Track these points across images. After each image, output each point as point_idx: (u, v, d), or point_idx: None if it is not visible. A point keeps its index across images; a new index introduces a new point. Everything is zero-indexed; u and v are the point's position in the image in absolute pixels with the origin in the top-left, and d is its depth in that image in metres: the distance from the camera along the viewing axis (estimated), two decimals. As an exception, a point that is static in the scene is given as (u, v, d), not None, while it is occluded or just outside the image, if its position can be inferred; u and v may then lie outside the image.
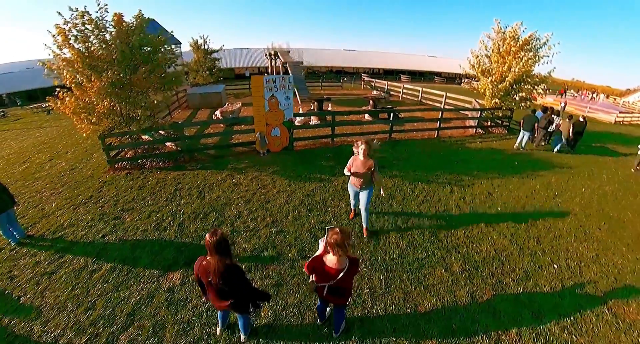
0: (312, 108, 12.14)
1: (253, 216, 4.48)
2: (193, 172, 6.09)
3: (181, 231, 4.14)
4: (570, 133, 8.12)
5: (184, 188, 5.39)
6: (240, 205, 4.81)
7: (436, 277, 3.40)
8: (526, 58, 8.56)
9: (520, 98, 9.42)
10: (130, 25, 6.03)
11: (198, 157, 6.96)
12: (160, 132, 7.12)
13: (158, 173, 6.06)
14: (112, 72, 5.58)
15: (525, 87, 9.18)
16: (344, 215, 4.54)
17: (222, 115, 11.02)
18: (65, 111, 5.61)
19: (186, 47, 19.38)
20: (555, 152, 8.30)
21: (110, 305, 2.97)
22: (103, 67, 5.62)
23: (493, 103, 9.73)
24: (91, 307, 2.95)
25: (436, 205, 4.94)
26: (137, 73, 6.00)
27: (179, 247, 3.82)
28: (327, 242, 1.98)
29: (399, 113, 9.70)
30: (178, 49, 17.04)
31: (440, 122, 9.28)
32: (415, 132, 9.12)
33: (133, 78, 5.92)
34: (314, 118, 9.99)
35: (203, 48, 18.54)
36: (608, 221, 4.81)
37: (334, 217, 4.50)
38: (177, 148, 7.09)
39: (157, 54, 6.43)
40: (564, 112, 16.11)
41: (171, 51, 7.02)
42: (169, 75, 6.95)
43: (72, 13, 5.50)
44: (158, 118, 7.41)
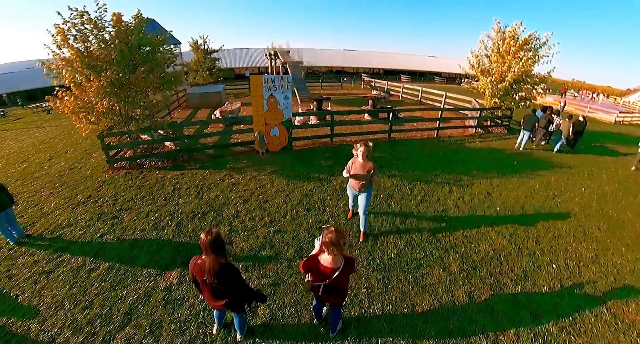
0: (312, 108, 12.13)
1: (251, 216, 4.47)
2: (192, 171, 6.09)
3: (179, 231, 4.14)
4: (570, 133, 8.11)
5: (183, 187, 5.39)
6: (238, 204, 4.80)
7: (434, 277, 3.39)
8: (526, 58, 8.55)
9: (519, 98, 9.41)
10: (129, 25, 6.03)
11: (197, 156, 6.96)
12: (159, 131, 7.12)
13: (157, 172, 6.07)
14: (111, 71, 5.58)
15: (524, 86, 9.17)
16: (342, 214, 4.54)
17: (222, 114, 11.02)
18: (64, 111, 5.62)
19: (186, 47, 19.41)
20: (555, 151, 8.28)
21: (107, 304, 2.97)
22: (102, 66, 5.63)
23: (493, 103, 9.72)
24: (88, 306, 2.96)
25: (435, 205, 4.93)
26: (136, 72, 6.00)
27: (177, 246, 3.82)
28: (322, 241, 1.97)
29: (399, 113, 9.69)
30: (177, 49, 17.05)
31: (439, 121, 9.27)
32: (414, 131, 9.11)
33: (132, 78, 5.92)
34: (313, 118, 9.99)
35: (203, 48, 18.56)
36: (607, 221, 4.79)
37: (332, 217, 4.50)
38: (176, 147, 7.10)
39: (156, 54, 6.43)
40: (564, 111, 16.09)
41: (170, 51, 7.03)
42: (168, 74, 6.95)
43: (72, 13, 5.52)
44: (157, 118, 7.41)
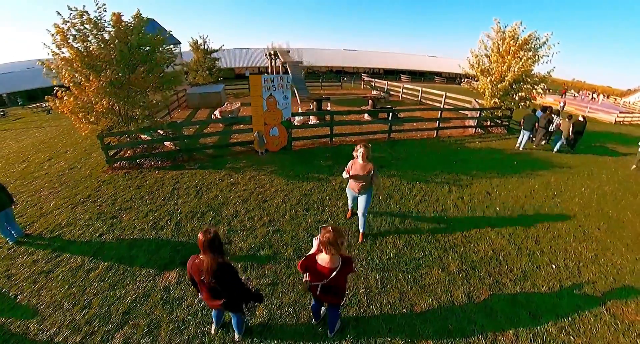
0: (311, 108, 12.12)
1: (250, 216, 4.47)
2: (191, 171, 6.09)
3: (178, 231, 4.14)
4: (570, 133, 8.11)
5: (182, 187, 5.39)
6: (237, 204, 4.80)
7: (433, 277, 3.38)
8: (525, 57, 8.54)
9: (519, 98, 9.40)
10: (129, 24, 6.04)
11: (196, 156, 6.96)
12: (159, 131, 7.12)
13: (156, 172, 6.07)
14: (111, 71, 5.58)
15: (524, 86, 9.16)
16: (341, 214, 4.54)
17: (221, 114, 11.03)
18: (64, 110, 5.62)
19: (186, 47, 19.42)
20: (554, 151, 8.27)
21: (106, 304, 2.97)
22: (102, 66, 5.64)
23: (492, 102, 9.71)
24: (87, 305, 2.96)
25: (434, 205, 4.93)
26: (136, 72, 6.00)
27: (176, 246, 3.82)
28: (320, 241, 1.97)
29: (398, 113, 9.68)
30: (177, 49, 17.05)
31: (439, 121, 9.27)
32: (414, 131, 9.10)
33: (131, 78, 5.92)
34: (313, 117, 9.98)
35: (203, 48, 18.56)
36: (607, 221, 4.78)
37: (331, 216, 4.49)
38: (176, 147, 7.10)
39: (156, 54, 6.43)
40: (563, 111, 16.08)
41: (170, 51, 7.03)
42: (168, 74, 6.95)
43: (71, 12, 5.52)
44: (157, 118, 7.41)
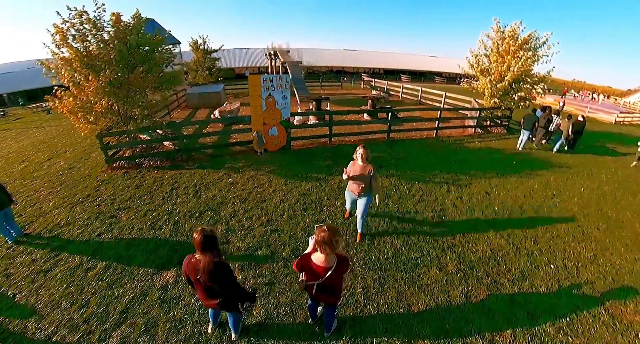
0: (311, 107, 12.12)
1: (248, 215, 4.47)
2: (190, 171, 6.09)
3: (176, 230, 4.14)
4: (570, 133, 8.10)
5: (181, 187, 5.40)
6: (235, 204, 4.81)
7: (430, 277, 3.38)
8: (525, 57, 8.52)
9: (519, 98, 9.38)
10: (128, 24, 6.05)
11: (196, 156, 6.97)
12: (158, 131, 7.13)
13: (155, 172, 6.07)
14: (110, 71, 5.59)
15: (524, 86, 9.15)
16: (340, 214, 4.53)
17: (221, 114, 11.03)
18: (63, 110, 5.63)
19: (186, 46, 19.42)
20: (554, 151, 8.26)
21: (103, 303, 2.98)
22: (101, 66, 5.65)
23: (492, 102, 9.70)
24: (85, 305, 2.97)
25: (432, 205, 4.92)
26: (135, 72, 6.01)
27: (174, 246, 3.82)
28: (315, 240, 1.97)
29: (398, 112, 9.68)
30: (177, 49, 17.06)
31: (439, 121, 9.25)
32: (413, 131, 9.10)
33: (131, 78, 5.93)
34: (312, 117, 9.98)
35: (202, 48, 18.56)
36: (606, 222, 4.77)
37: (330, 216, 4.49)
38: (175, 147, 7.10)
39: (155, 54, 6.44)
40: (563, 111, 16.04)
41: (169, 50, 7.04)
42: (167, 74, 6.95)
43: (70, 12, 5.53)
44: (156, 118, 7.42)
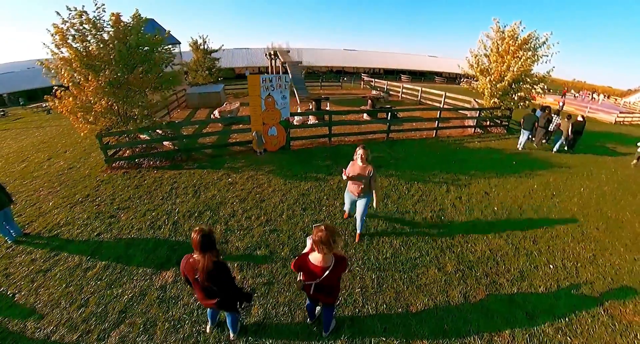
0: (310, 107, 12.12)
1: (247, 215, 4.48)
2: (189, 171, 6.10)
3: (175, 230, 4.15)
4: (569, 133, 8.09)
5: (180, 187, 5.40)
6: (235, 203, 4.81)
7: (429, 277, 3.38)
8: (525, 57, 8.51)
9: (519, 98, 9.38)
10: (127, 25, 6.05)
11: (195, 156, 6.97)
12: (157, 131, 7.13)
13: (155, 172, 6.08)
14: (110, 71, 5.60)
15: (524, 86, 9.14)
16: (339, 214, 4.53)
17: (220, 114, 11.03)
18: (63, 110, 5.64)
19: (186, 47, 19.42)
20: (554, 151, 8.26)
21: (102, 302, 2.99)
22: (100, 66, 5.65)
23: (492, 102, 9.69)
24: (84, 304, 2.97)
25: (432, 205, 4.92)
26: (134, 72, 6.02)
27: (173, 245, 3.83)
28: (312, 240, 1.97)
29: (397, 112, 9.68)
30: (176, 49, 17.06)
31: (438, 121, 9.25)
32: (413, 131, 9.09)
33: (130, 78, 5.94)
34: (312, 117, 9.98)
35: (202, 48, 18.57)
36: (606, 222, 4.76)
37: (329, 216, 4.50)
38: (175, 147, 7.11)
39: (154, 54, 6.44)
40: (562, 111, 16.02)
41: (168, 51, 7.04)
42: (167, 74, 6.96)
43: (70, 13, 5.54)
44: (156, 118, 7.43)
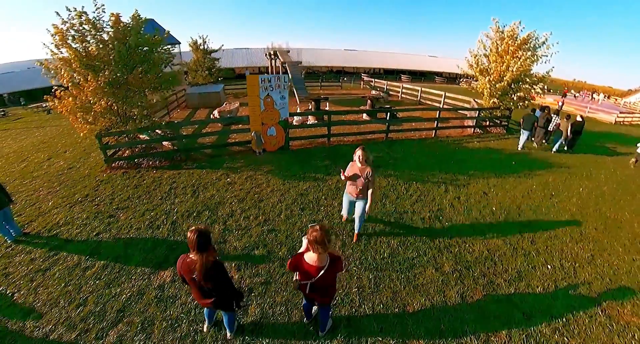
0: (310, 108, 12.12)
1: (245, 215, 4.49)
2: (189, 171, 6.11)
3: (174, 230, 4.16)
4: (569, 133, 8.09)
5: (179, 187, 5.41)
6: (233, 203, 4.82)
7: (426, 277, 3.38)
8: (524, 57, 8.51)
9: (518, 98, 9.37)
10: (127, 25, 6.07)
11: (194, 156, 6.99)
12: (157, 131, 7.15)
13: (154, 172, 6.10)
14: (109, 71, 5.61)
15: (523, 86, 9.14)
16: (337, 214, 4.54)
17: (220, 114, 11.04)
18: (62, 110, 5.66)
19: (186, 47, 19.43)
20: (553, 151, 8.25)
21: (101, 302, 3.00)
22: (100, 66, 5.67)
23: (491, 102, 9.69)
24: (83, 303, 2.99)
25: (430, 205, 4.92)
26: (134, 72, 6.03)
27: (171, 245, 3.84)
28: (307, 239, 1.97)
29: (397, 112, 9.68)
30: (176, 49, 17.05)
31: (437, 121, 9.25)
32: (412, 131, 9.09)
33: (130, 78, 5.95)
34: (311, 117, 9.99)
35: (202, 48, 18.58)
36: (605, 222, 4.76)
37: (327, 216, 4.50)
38: (174, 147, 7.13)
39: (153, 54, 6.45)
40: (562, 111, 16.00)
41: (168, 51, 7.05)
42: (166, 74, 6.97)
43: (70, 13, 5.56)
44: (156, 118, 7.44)
